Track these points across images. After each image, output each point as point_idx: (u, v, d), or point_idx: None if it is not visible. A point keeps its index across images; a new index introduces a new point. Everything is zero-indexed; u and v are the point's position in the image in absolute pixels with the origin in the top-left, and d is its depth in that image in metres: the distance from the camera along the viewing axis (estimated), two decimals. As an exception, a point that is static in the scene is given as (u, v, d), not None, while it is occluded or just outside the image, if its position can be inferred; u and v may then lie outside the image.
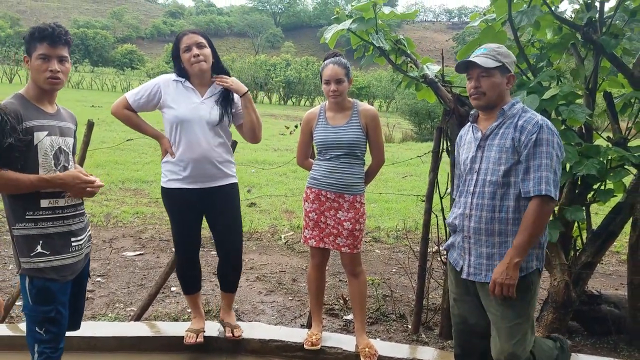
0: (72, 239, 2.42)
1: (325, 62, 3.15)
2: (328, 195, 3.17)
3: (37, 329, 2.34)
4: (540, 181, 2.27)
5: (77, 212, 2.46)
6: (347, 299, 4.19)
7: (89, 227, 2.62)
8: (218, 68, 3.18)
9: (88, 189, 2.40)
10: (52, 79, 2.31)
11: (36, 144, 2.28)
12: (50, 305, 2.35)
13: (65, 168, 2.40)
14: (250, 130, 3.21)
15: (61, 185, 2.34)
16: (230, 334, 3.31)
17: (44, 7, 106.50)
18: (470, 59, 2.42)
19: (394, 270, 5.22)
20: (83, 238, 2.49)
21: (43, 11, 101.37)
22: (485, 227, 2.40)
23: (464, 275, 2.50)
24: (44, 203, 2.32)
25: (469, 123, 2.61)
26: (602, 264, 5.47)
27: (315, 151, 3.33)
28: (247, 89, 3.18)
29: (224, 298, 3.46)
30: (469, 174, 2.50)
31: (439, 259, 3.84)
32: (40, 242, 2.32)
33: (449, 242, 2.66)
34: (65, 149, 2.41)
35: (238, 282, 3.47)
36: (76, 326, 2.67)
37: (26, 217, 2.30)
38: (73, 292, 2.51)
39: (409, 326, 3.78)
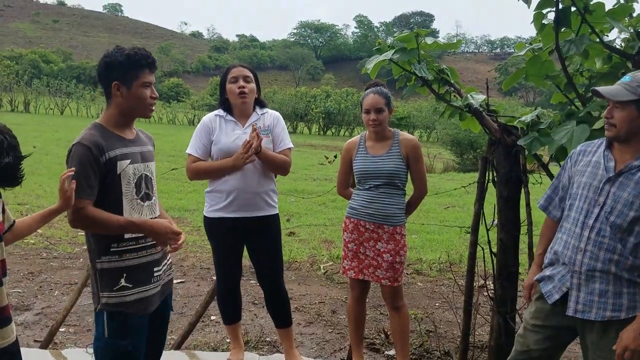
0: (155, 269, 2.33)
1: (366, 91, 3.15)
2: (367, 226, 3.12)
3: None
4: None
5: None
6: (388, 333, 4.08)
7: (169, 255, 2.50)
8: (258, 101, 3.24)
9: (173, 242, 2.30)
10: (152, 106, 2.31)
11: (119, 173, 2.21)
12: (127, 339, 2.24)
13: (147, 195, 2.33)
14: (273, 169, 3.20)
15: (150, 233, 2.25)
16: None
17: (95, 42, 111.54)
18: (604, 87, 2.24)
19: (437, 304, 5.08)
20: (163, 266, 2.40)
21: (94, 46, 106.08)
22: (601, 266, 2.22)
23: (569, 312, 2.31)
24: (127, 234, 2.23)
25: (600, 141, 2.38)
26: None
27: (355, 180, 3.30)
28: (259, 149, 3.06)
29: (281, 335, 3.37)
30: (587, 203, 2.29)
31: (486, 293, 3.70)
32: (125, 274, 2.23)
33: (545, 273, 2.46)
34: (147, 174, 2.35)
35: (290, 315, 3.35)
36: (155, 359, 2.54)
37: (111, 249, 2.21)
38: (154, 327, 2.41)
39: (453, 363, 3.64)
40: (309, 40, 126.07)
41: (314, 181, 13.33)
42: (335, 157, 15.57)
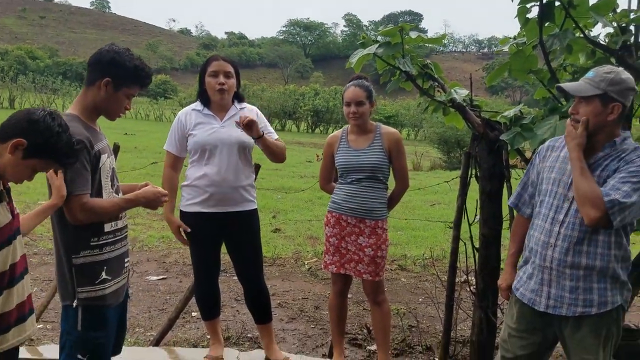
0: (126, 260, 2.38)
1: (348, 84, 3.13)
2: (349, 220, 3.09)
3: (79, 355, 2.22)
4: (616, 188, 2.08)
5: (127, 233, 2.41)
6: (370, 328, 4.06)
7: None
8: (236, 95, 3.18)
9: (163, 199, 2.34)
10: (121, 115, 2.35)
11: (100, 167, 2.22)
12: (102, 331, 2.25)
13: (118, 188, 2.35)
14: (271, 155, 3.17)
15: (143, 202, 2.29)
16: None
17: (82, 38, 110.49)
18: (568, 84, 2.24)
19: (420, 299, 5.07)
20: (129, 257, 2.45)
21: (81, 42, 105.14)
22: (571, 260, 2.22)
23: (541, 308, 2.31)
24: (107, 227, 2.25)
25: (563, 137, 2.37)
26: (639, 296, 5.21)
27: (337, 174, 3.27)
28: (261, 133, 3.03)
29: (261, 331, 3.34)
30: (557, 199, 2.28)
31: (468, 289, 3.69)
32: (105, 267, 2.24)
33: (519, 274, 2.45)
34: (114, 167, 2.37)
35: (270, 311, 3.31)
36: (118, 350, 2.55)
37: (91, 244, 2.20)
38: (119, 314, 2.43)
39: (436, 359, 3.62)
40: (298, 39, 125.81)
41: (301, 178, 13.29)
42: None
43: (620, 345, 3.47)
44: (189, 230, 3.10)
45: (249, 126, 2.90)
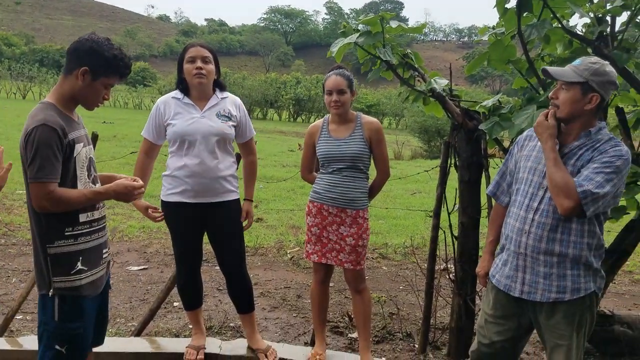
0: (104, 251, 2.36)
1: (329, 73, 3.13)
2: (330, 210, 3.11)
3: (57, 346, 2.22)
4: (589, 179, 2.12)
5: (105, 223, 2.40)
6: (352, 316, 4.10)
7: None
8: (217, 83, 3.16)
9: (135, 193, 2.31)
10: (99, 105, 2.33)
11: (75, 157, 2.19)
12: (79, 322, 2.24)
13: (95, 178, 2.33)
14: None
15: (114, 196, 2.27)
16: (266, 359, 3.19)
17: (59, 25, 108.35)
18: (554, 67, 2.26)
19: (401, 287, 5.13)
20: (108, 248, 2.43)
21: (58, 29, 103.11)
22: (545, 247, 2.26)
23: (516, 294, 2.36)
24: (83, 217, 2.22)
25: None
26: (614, 283, 5.33)
27: (319, 164, 3.27)
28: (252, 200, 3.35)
29: (243, 321, 3.34)
30: (532, 186, 2.33)
31: (447, 276, 3.75)
32: (81, 258, 2.22)
33: (496, 262, 2.50)
34: (92, 157, 2.34)
35: (252, 300, 3.31)
36: (100, 341, 2.56)
37: (66, 233, 2.19)
38: (98, 305, 2.42)
39: (416, 345, 3.68)
40: (279, 26, 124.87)
41: (284, 167, 13.28)
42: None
43: (595, 330, 3.57)
44: (158, 209, 3.11)
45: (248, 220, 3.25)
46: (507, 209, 2.50)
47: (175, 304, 4.40)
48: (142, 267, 5.46)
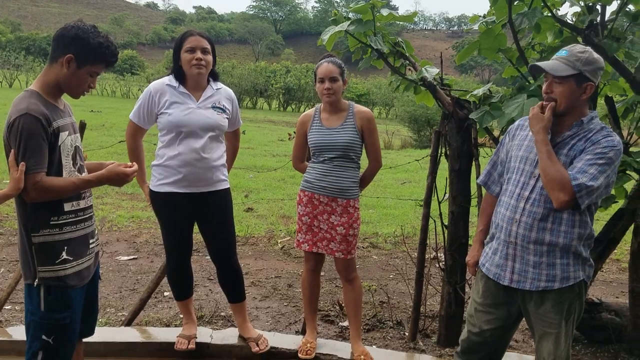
0: (91, 241, 2.34)
1: (320, 61, 3.11)
2: (321, 199, 3.10)
3: (44, 336, 2.21)
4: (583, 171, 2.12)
5: (92, 213, 2.37)
6: (343, 305, 4.11)
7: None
8: (211, 72, 3.13)
9: (128, 178, 2.30)
10: (85, 93, 2.30)
11: (59, 145, 2.17)
12: (65, 312, 2.23)
13: (82, 167, 2.31)
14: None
15: (106, 182, 2.27)
16: (257, 348, 3.19)
17: (45, 12, 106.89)
18: (544, 62, 2.25)
19: (391, 276, 5.15)
20: (96, 238, 2.41)
21: (44, 16, 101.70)
22: (535, 236, 2.27)
23: (505, 282, 2.36)
24: (67, 207, 2.21)
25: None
26: (602, 271, 5.40)
27: (310, 153, 3.26)
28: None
29: (234, 310, 3.35)
30: (524, 176, 2.32)
31: (437, 265, 3.77)
32: (65, 247, 2.20)
33: (486, 250, 2.50)
34: (78, 145, 2.32)
35: (243, 290, 3.31)
36: (91, 332, 2.55)
37: (51, 223, 2.17)
38: (88, 296, 2.40)
39: (406, 333, 3.70)
40: (269, 14, 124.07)
41: (274, 157, 13.25)
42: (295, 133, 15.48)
43: (583, 318, 3.62)
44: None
45: None
46: (497, 198, 2.51)
47: (166, 293, 4.40)
48: (132, 257, 5.43)
